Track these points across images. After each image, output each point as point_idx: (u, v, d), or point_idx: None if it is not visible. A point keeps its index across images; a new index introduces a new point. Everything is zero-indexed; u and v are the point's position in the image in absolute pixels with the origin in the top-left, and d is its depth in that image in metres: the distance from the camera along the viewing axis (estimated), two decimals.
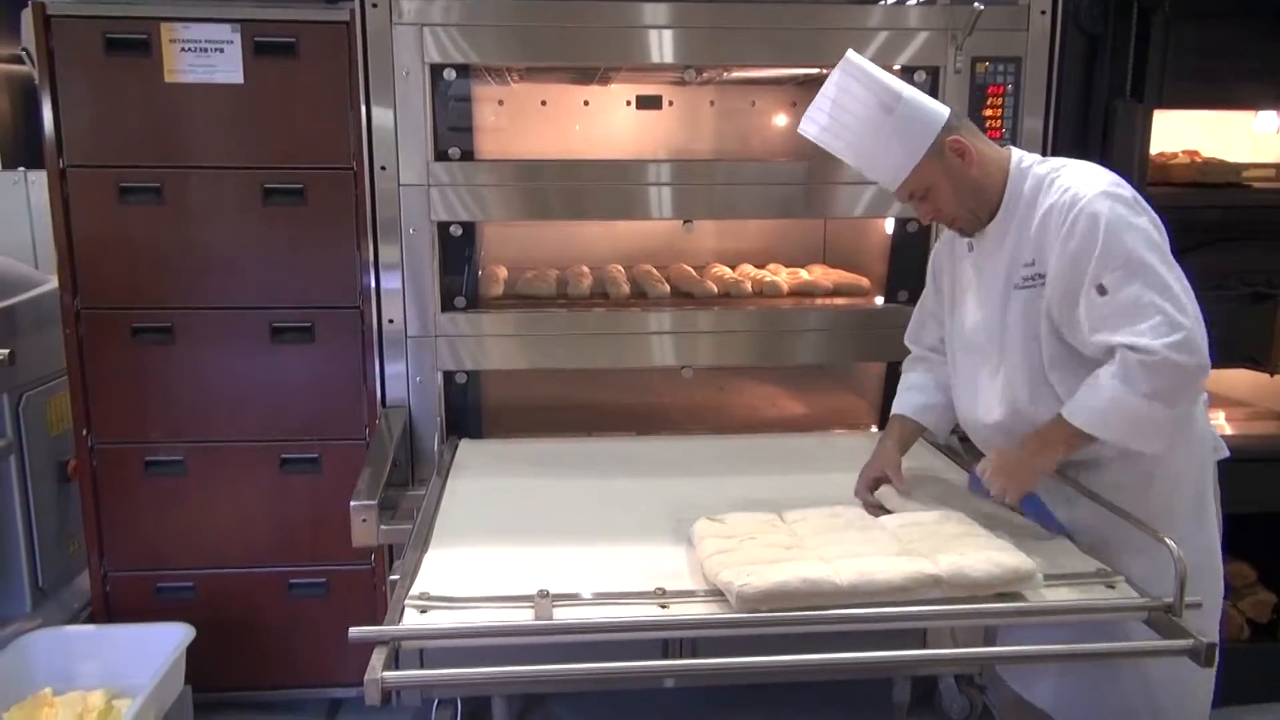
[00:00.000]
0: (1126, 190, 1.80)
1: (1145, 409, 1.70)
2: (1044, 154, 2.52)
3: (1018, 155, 1.94)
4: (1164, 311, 1.68)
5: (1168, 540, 1.57)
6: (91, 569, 2.69)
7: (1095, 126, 2.58)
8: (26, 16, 2.44)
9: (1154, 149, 2.68)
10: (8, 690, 2.34)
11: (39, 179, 3.25)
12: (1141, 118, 2.56)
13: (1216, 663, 1.52)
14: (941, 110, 1.88)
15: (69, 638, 2.56)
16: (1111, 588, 1.66)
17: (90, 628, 2.65)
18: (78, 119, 2.46)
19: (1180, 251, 1.80)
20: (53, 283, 2.70)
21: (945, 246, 2.13)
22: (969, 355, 2.04)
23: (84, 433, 2.61)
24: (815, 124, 1.92)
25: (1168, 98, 2.59)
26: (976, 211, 1.92)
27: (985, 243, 1.96)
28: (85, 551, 2.69)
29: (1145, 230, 1.75)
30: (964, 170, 1.87)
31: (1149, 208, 1.81)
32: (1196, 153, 2.88)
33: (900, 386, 2.25)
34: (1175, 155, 2.86)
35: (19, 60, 3.04)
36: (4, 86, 4.38)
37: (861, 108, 1.85)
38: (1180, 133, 2.94)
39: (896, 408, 2.21)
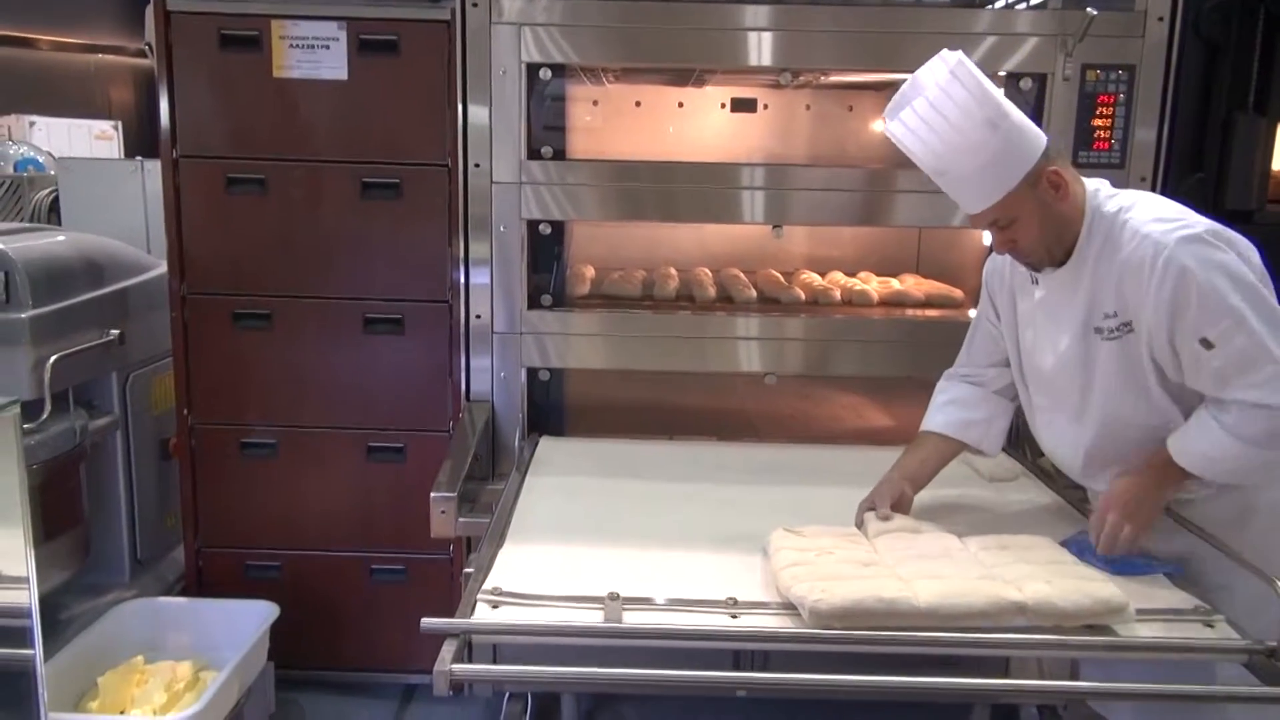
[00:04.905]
0: (1199, 225, 1.70)
1: (1259, 457, 1.70)
2: (1156, 168, 2.42)
3: (1093, 189, 1.82)
4: (1274, 359, 1.64)
5: (1276, 579, 1.48)
6: (186, 544, 2.80)
7: (1212, 140, 2.46)
8: (149, 12, 2.57)
9: (1277, 164, 2.55)
10: (104, 655, 2.45)
11: (154, 168, 3.41)
12: (1264, 131, 2.43)
13: None
14: (1042, 134, 1.76)
15: (162, 609, 2.66)
16: (1210, 626, 1.57)
17: (182, 600, 2.76)
18: (191, 111, 2.57)
19: None
20: (162, 267, 2.81)
21: (1000, 266, 2.01)
22: (1046, 395, 1.95)
23: (185, 412, 2.72)
24: (905, 126, 1.74)
25: None
26: (1053, 250, 1.81)
27: (1054, 284, 1.85)
28: (181, 526, 2.80)
29: (1233, 271, 1.66)
30: (1055, 204, 1.75)
31: (1220, 227, 1.72)
32: None
33: (935, 401, 2.11)
34: None
35: (144, 54, 3.18)
36: (131, 79, 4.59)
37: (965, 119, 1.68)
38: None
39: (926, 424, 2.07)
